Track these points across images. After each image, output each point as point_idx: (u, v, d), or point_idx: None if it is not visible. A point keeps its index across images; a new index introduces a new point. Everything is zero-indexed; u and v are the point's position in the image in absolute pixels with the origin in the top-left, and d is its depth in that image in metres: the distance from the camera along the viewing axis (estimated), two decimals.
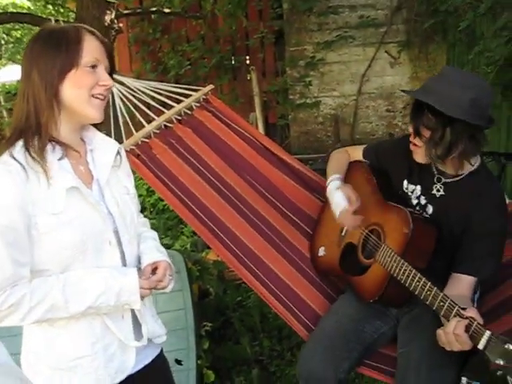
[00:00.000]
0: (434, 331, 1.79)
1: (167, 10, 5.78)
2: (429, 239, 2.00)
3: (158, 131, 2.60)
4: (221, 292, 3.58)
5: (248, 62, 6.44)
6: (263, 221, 2.51)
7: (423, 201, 2.10)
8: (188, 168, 2.55)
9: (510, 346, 1.56)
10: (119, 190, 1.58)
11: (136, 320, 1.56)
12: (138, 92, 2.61)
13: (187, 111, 2.70)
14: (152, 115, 2.63)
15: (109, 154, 1.58)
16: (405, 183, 2.17)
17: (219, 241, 2.37)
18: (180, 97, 2.71)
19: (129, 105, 2.57)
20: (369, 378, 2.90)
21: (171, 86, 2.73)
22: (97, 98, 1.47)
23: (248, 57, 6.50)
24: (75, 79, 1.43)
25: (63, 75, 1.42)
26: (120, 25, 4.29)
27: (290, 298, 2.31)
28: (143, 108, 2.62)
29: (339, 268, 2.29)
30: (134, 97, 2.59)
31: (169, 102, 2.69)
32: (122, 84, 2.57)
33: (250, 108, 5.65)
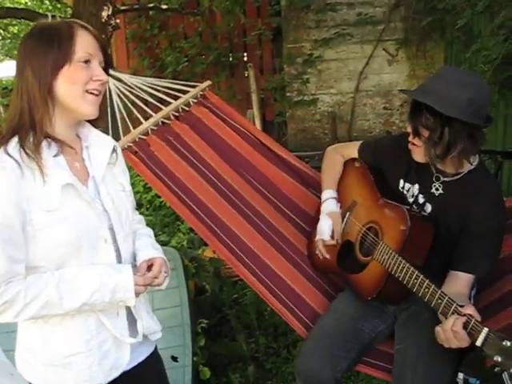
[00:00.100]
0: (432, 328, 1.80)
1: (165, 7, 5.76)
2: (426, 236, 2.00)
3: (156, 128, 2.59)
4: (217, 289, 3.57)
5: (246, 59, 6.42)
6: (260, 217, 2.51)
7: (421, 199, 2.10)
8: (185, 165, 2.54)
9: (508, 343, 1.57)
10: (115, 187, 1.57)
11: (131, 316, 1.56)
12: (136, 88, 2.59)
13: (185, 107, 2.69)
14: (149, 112, 2.62)
15: (104, 151, 1.57)
16: (401, 182, 2.16)
17: (216, 237, 2.37)
18: (177, 93, 2.70)
19: (126, 101, 2.56)
20: (364, 376, 2.91)
21: (168, 82, 2.72)
22: (91, 94, 1.46)
23: (246, 54, 6.48)
24: (68, 75, 1.42)
25: (56, 71, 1.41)
26: (117, 21, 4.25)
27: (288, 295, 2.31)
28: (140, 104, 2.61)
29: (337, 266, 2.29)
30: (132, 93, 2.58)
31: (166, 99, 2.68)
32: (119, 80, 2.56)
33: (248, 105, 5.64)
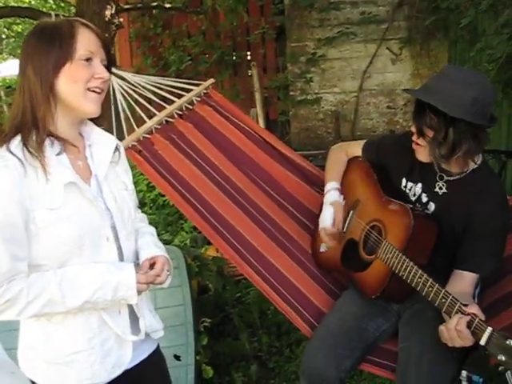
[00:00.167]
0: (435, 326, 1.80)
1: (168, 5, 5.75)
2: (430, 235, 1.99)
3: (160, 127, 2.59)
4: (220, 288, 3.57)
5: (249, 58, 6.41)
6: (264, 215, 2.51)
7: (425, 198, 2.09)
8: (189, 163, 2.54)
9: (511, 342, 1.57)
10: (117, 186, 1.57)
11: (133, 315, 1.56)
12: (139, 87, 2.60)
13: (188, 106, 2.69)
14: (153, 110, 2.62)
15: (107, 150, 1.57)
16: (403, 181, 2.16)
17: (220, 236, 2.36)
18: (181, 91, 2.70)
19: (130, 100, 2.56)
20: (367, 375, 2.90)
21: (172, 81, 2.72)
22: (93, 92, 1.45)
23: (249, 52, 6.47)
24: (70, 73, 1.41)
25: (58, 69, 1.41)
26: (121, 20, 4.25)
27: (292, 294, 2.30)
28: (144, 103, 2.61)
29: (341, 264, 2.28)
30: (135, 92, 2.58)
31: (170, 97, 2.67)
32: (123, 79, 2.55)
33: (251, 104, 5.63)
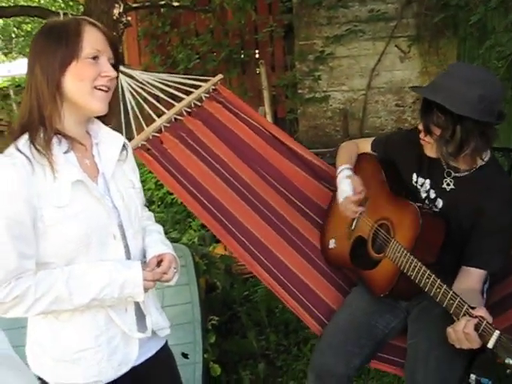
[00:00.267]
0: (443, 323, 1.79)
1: (176, 4, 5.75)
2: (438, 233, 1.98)
3: (169, 125, 2.59)
4: (228, 286, 3.57)
5: (257, 56, 6.40)
6: (273, 212, 2.50)
7: (433, 195, 2.09)
8: (198, 161, 2.54)
9: None
10: (124, 184, 1.57)
11: (140, 312, 1.56)
12: (147, 85, 2.59)
13: (197, 103, 2.69)
14: (162, 108, 2.61)
15: (114, 148, 1.58)
16: (414, 176, 2.15)
17: (229, 233, 2.36)
18: (189, 88, 2.70)
19: (138, 98, 2.56)
20: (375, 374, 2.89)
21: (180, 78, 2.72)
22: (100, 90, 1.46)
23: (257, 51, 6.46)
24: (76, 71, 1.42)
25: (64, 68, 1.41)
26: (129, 18, 4.26)
27: (302, 291, 2.30)
28: (152, 101, 2.61)
29: (350, 261, 2.28)
30: (144, 90, 2.58)
31: (178, 94, 2.67)
32: (131, 77, 2.55)
33: (259, 102, 5.62)
